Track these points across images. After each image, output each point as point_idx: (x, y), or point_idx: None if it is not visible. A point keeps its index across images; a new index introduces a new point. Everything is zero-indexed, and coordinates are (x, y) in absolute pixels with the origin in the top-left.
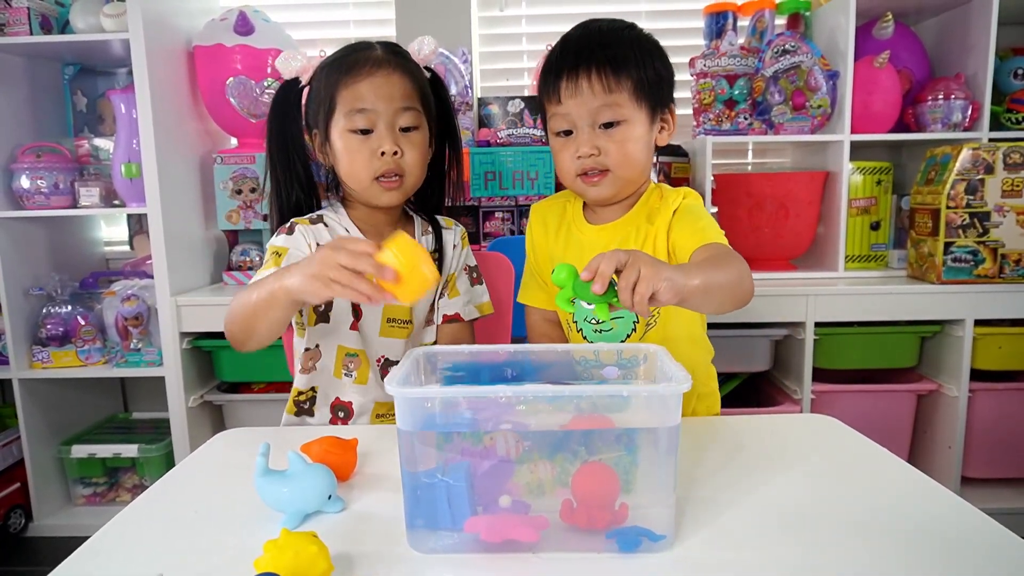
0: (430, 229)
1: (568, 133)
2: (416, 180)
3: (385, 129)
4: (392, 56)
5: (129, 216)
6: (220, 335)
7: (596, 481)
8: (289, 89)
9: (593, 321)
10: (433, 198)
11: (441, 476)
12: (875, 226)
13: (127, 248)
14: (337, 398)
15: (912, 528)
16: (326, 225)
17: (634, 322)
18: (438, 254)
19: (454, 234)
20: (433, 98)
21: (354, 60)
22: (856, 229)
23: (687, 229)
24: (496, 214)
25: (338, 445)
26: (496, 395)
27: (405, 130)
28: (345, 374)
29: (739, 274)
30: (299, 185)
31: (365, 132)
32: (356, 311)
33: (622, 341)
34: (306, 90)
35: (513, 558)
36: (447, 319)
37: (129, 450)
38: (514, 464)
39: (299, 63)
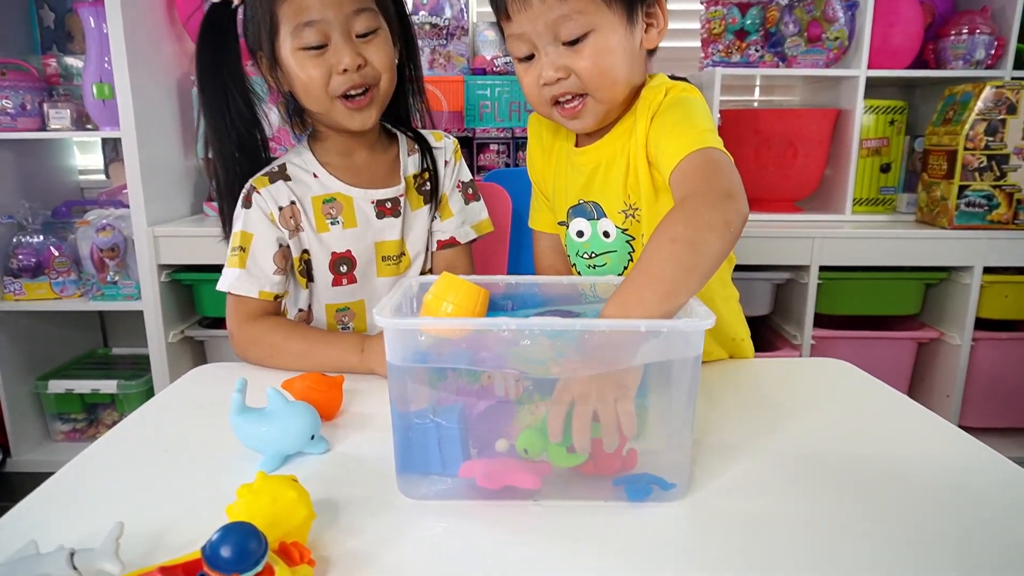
0: (416, 148)
1: (531, 58)
2: (389, 85)
3: (341, 40)
4: None
5: (104, 143)
6: (200, 268)
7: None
8: (219, 12)
9: (585, 256)
10: (400, 108)
11: (433, 417)
12: (885, 168)
13: (103, 177)
14: None
15: (934, 475)
16: (288, 178)
17: (629, 254)
18: (429, 174)
19: (445, 149)
20: None
21: None
22: (865, 171)
23: (663, 139)
24: (491, 146)
25: (322, 382)
26: (498, 328)
27: (362, 36)
28: (341, 328)
29: (680, 260)
30: (241, 121)
31: (319, 47)
32: (350, 262)
33: (620, 275)
34: (240, 10)
35: (512, 506)
36: (441, 244)
37: (108, 386)
38: (513, 405)
39: None
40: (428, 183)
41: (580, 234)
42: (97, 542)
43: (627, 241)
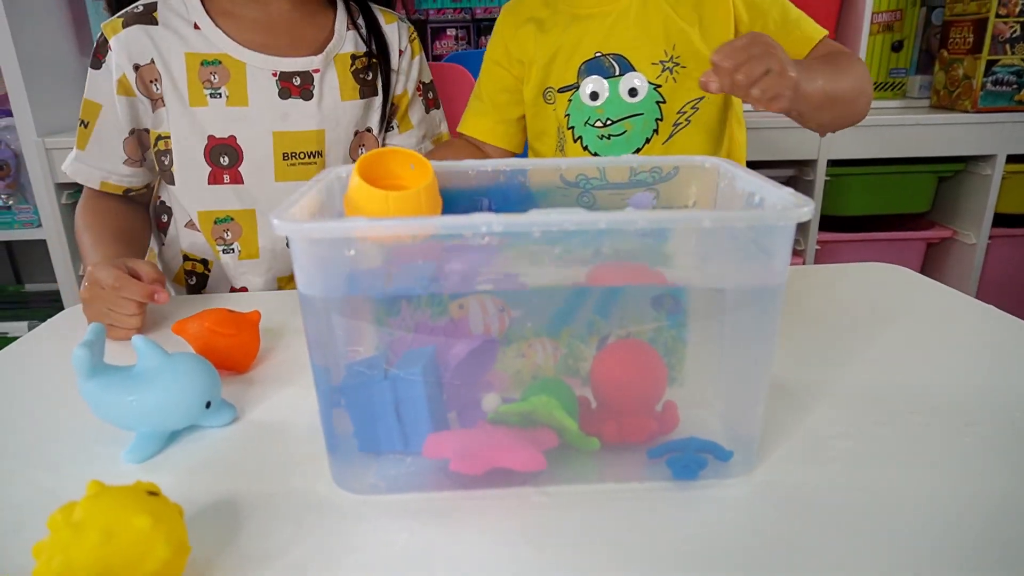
0: (361, 22)
1: None
2: None
3: None
4: None
5: None
6: None
7: (630, 369)
8: None
9: (598, 123)
10: None
11: (388, 369)
12: (897, 46)
13: None
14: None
15: None
16: (155, 22)
17: (656, 120)
18: (378, 62)
19: (399, 34)
20: None
21: None
22: (875, 50)
23: (770, 26)
24: (448, 31)
25: (228, 322)
26: (474, 230)
27: None
28: (223, 250)
29: (860, 83)
30: None
31: None
32: (233, 153)
33: (636, 151)
34: None
35: (504, 496)
36: None
37: (18, 328)
38: (498, 345)
39: None
40: (371, 72)
41: (594, 96)
42: None
43: (657, 103)
